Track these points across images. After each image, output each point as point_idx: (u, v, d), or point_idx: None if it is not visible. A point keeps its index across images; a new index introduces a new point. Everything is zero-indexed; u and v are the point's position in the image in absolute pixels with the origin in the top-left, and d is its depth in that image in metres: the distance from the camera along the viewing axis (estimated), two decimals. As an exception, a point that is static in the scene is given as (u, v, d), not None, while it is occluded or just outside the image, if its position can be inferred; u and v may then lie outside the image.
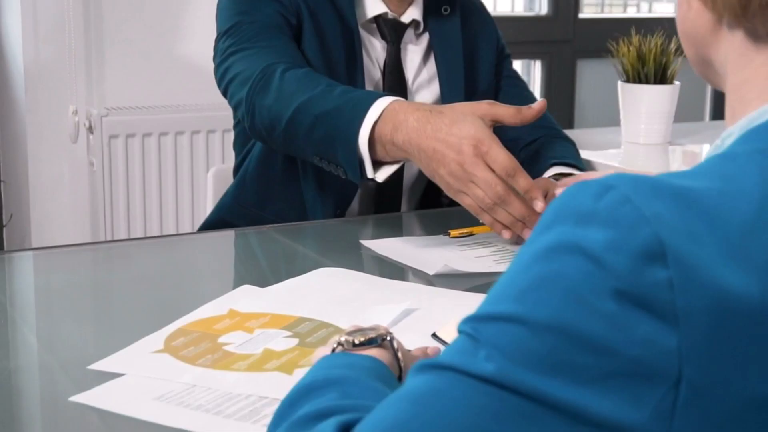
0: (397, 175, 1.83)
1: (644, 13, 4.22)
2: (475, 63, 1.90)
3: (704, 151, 2.55)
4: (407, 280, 1.38)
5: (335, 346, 0.89)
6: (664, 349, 0.57)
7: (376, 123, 1.44)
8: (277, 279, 1.33)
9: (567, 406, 0.58)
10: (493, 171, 1.37)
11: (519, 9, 3.81)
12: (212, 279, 1.45)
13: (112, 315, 1.24)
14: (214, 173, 2.14)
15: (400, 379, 0.89)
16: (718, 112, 4.25)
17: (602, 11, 4.03)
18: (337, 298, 1.26)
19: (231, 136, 2.68)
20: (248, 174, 1.80)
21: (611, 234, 0.59)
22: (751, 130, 0.70)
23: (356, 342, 0.89)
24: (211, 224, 1.84)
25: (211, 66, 2.67)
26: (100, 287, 1.37)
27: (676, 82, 2.33)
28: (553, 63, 3.74)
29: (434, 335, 1.12)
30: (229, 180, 2.05)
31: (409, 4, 1.82)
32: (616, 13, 4.17)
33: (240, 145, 1.89)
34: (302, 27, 1.72)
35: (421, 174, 1.88)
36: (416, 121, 1.41)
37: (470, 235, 1.54)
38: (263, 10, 1.69)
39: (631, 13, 4.16)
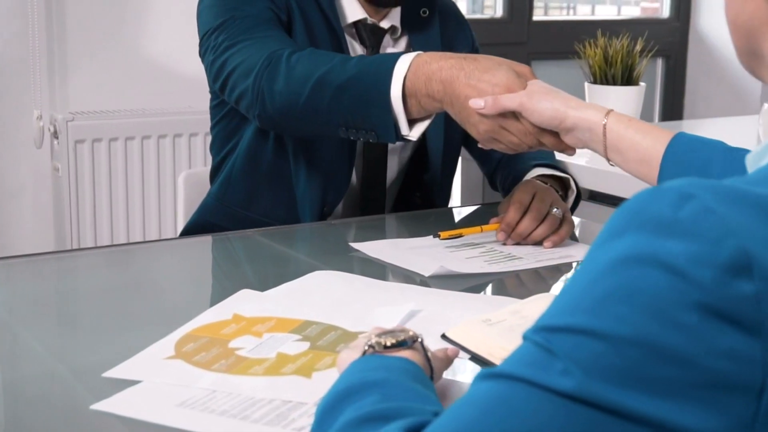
0: (381, 175, 1.84)
1: (586, 15, 4.26)
2: (452, 65, 1.91)
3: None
4: (401, 282, 1.38)
5: (366, 348, 0.89)
6: (747, 361, 0.57)
7: (405, 78, 1.43)
8: (273, 283, 1.33)
9: (649, 419, 0.58)
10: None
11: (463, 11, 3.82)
12: (207, 284, 1.44)
13: (113, 322, 1.22)
14: (185, 177, 2.12)
15: (431, 379, 0.89)
16: (667, 114, 4.31)
17: (546, 14, 4.06)
18: (337, 301, 1.26)
19: (198, 140, 2.69)
20: (234, 174, 1.79)
21: (695, 246, 0.58)
22: None
23: (387, 344, 0.89)
24: (195, 226, 1.83)
25: (178, 69, 2.65)
26: (93, 294, 1.35)
27: (642, 83, 2.36)
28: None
29: (444, 336, 1.12)
30: (202, 183, 2.03)
31: (388, 10, 1.82)
32: (568, 16, 4.21)
33: (218, 146, 1.87)
34: (292, 25, 1.71)
35: (399, 174, 1.89)
36: (450, 68, 1.40)
37: (459, 236, 1.55)
38: (254, 5, 1.68)
39: (567, 15, 4.18)
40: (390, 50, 1.84)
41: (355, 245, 1.54)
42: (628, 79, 2.33)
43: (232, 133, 1.83)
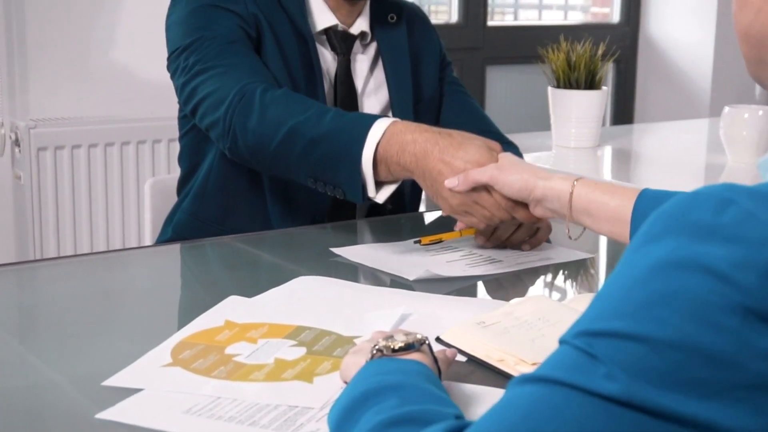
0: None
1: (533, 21, 4.30)
2: (420, 70, 1.93)
3: (633, 152, 2.63)
4: (386, 286, 1.39)
5: (374, 352, 0.90)
6: None
7: (378, 144, 1.45)
8: (258, 289, 1.32)
9: (692, 420, 0.59)
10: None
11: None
12: (192, 291, 1.43)
13: (103, 331, 1.22)
14: (151, 184, 2.10)
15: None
16: (618, 117, 4.37)
17: (492, 18, 4.08)
18: (327, 306, 1.26)
19: (162, 147, 2.67)
20: (208, 188, 1.78)
21: (738, 251, 0.60)
22: None
23: (395, 347, 0.89)
24: (169, 243, 1.81)
25: (141, 75, 2.64)
26: (78, 303, 1.34)
27: (604, 87, 2.40)
28: (463, 69, 3.80)
29: (439, 339, 1.13)
30: (168, 191, 2.02)
31: (358, 16, 1.83)
32: (523, 21, 4.25)
33: (187, 157, 1.86)
34: (261, 38, 1.71)
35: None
36: (425, 141, 1.43)
37: (440, 241, 1.56)
38: (223, 23, 1.68)
39: (510, 20, 4.21)
40: (360, 56, 1.85)
41: (336, 250, 1.54)
42: (590, 83, 2.36)
43: (201, 144, 1.82)
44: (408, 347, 0.90)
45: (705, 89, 4.19)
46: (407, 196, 1.92)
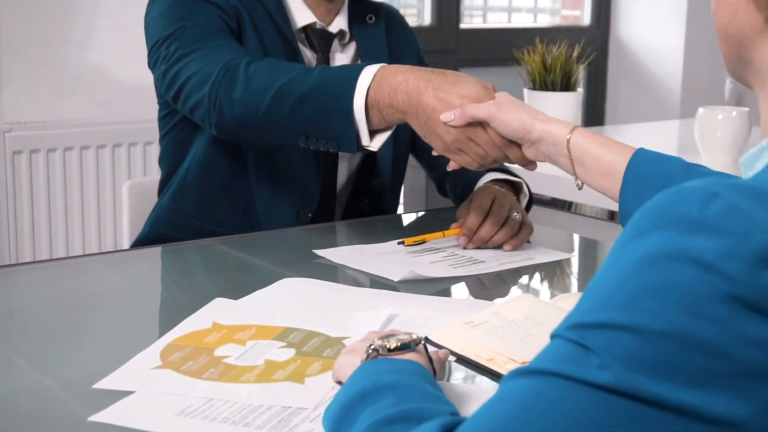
0: (332, 182, 1.85)
1: (503, 23, 4.32)
2: (398, 70, 1.93)
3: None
4: (371, 287, 1.39)
5: (369, 352, 0.90)
6: None
7: (369, 88, 1.43)
8: (242, 291, 1.32)
9: (684, 407, 0.61)
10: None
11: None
12: (176, 294, 1.42)
13: (89, 334, 1.21)
14: (129, 187, 2.09)
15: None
16: (589, 119, 4.40)
17: (462, 21, 4.09)
18: (313, 308, 1.27)
19: (138, 150, 2.66)
20: (187, 184, 1.77)
21: (724, 242, 0.61)
22: None
23: (391, 347, 0.90)
24: (146, 239, 1.81)
25: (117, 78, 2.62)
26: (62, 307, 1.33)
27: (579, 89, 2.42)
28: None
29: (427, 340, 1.13)
30: (146, 193, 2.01)
31: (336, 14, 1.84)
32: (493, 23, 4.26)
33: (168, 157, 1.86)
34: (242, 31, 1.71)
35: (349, 181, 1.90)
36: (417, 79, 1.41)
37: (423, 242, 1.56)
38: (204, 14, 1.67)
39: (479, 23, 4.22)
40: (339, 55, 1.85)
41: (319, 252, 1.54)
42: (566, 85, 2.38)
43: (182, 144, 1.81)
44: (404, 347, 0.90)
45: (675, 91, 4.22)
46: (386, 197, 1.92)
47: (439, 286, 1.41)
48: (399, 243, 1.55)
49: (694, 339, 0.60)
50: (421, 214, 2.04)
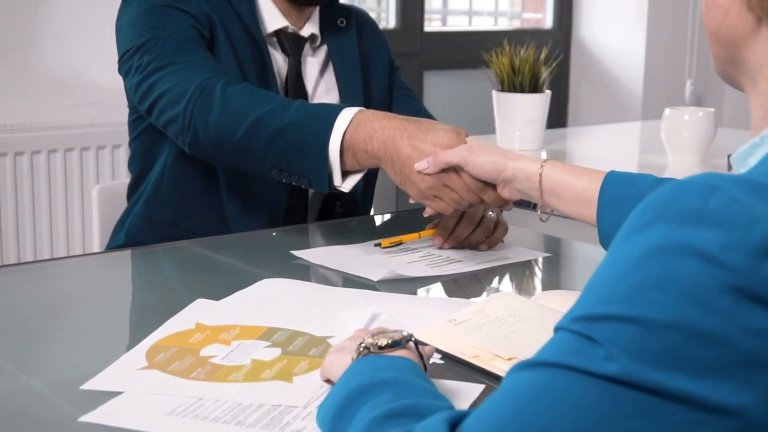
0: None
1: (464, 27, 4.34)
2: (370, 73, 1.95)
3: (573, 155, 2.67)
4: (350, 287, 1.40)
5: (361, 350, 0.91)
6: None
7: (345, 132, 1.45)
8: (222, 292, 1.32)
9: (688, 397, 0.62)
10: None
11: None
12: (156, 295, 1.42)
13: (71, 336, 1.21)
14: (99, 191, 2.08)
15: (426, 377, 0.91)
16: (552, 121, 4.43)
17: (423, 24, 4.11)
18: (295, 308, 1.27)
19: (106, 153, 2.64)
20: (161, 191, 1.77)
21: (726, 234, 0.62)
22: None
23: (382, 344, 0.90)
24: (123, 248, 1.80)
25: (84, 82, 2.60)
26: (42, 310, 1.32)
27: (547, 91, 2.44)
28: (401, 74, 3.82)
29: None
30: (117, 197, 2.00)
31: (308, 19, 1.84)
32: (454, 27, 4.29)
33: (138, 161, 1.85)
34: (215, 39, 1.71)
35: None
36: (393, 128, 1.44)
37: (400, 243, 1.57)
38: (176, 23, 1.67)
39: (437, 26, 4.24)
40: (310, 59, 1.86)
41: (297, 253, 1.55)
42: (534, 86, 2.40)
43: (152, 148, 1.81)
44: (395, 344, 0.91)
45: (636, 93, 4.27)
46: (359, 198, 1.93)
47: (418, 286, 1.42)
48: (376, 245, 1.56)
49: (698, 330, 0.62)
50: (392, 215, 2.05)
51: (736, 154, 0.81)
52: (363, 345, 0.91)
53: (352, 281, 1.43)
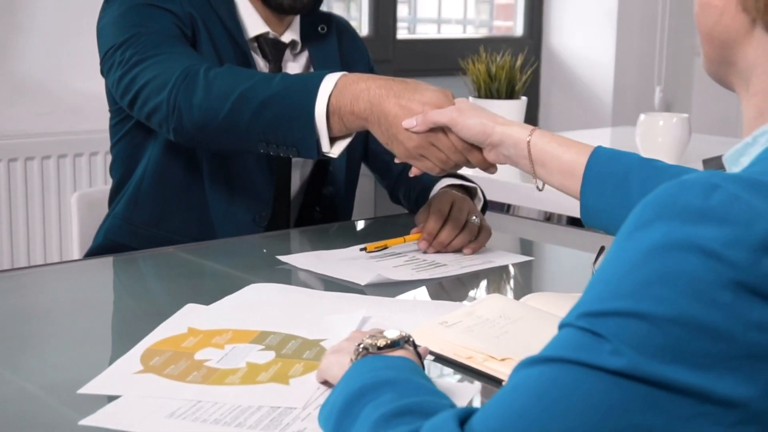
0: (285, 190, 1.86)
1: (432, 34, 4.36)
2: (350, 80, 1.95)
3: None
4: (338, 291, 1.41)
5: (360, 350, 0.91)
6: None
7: (330, 95, 1.45)
8: (211, 297, 1.32)
9: (693, 389, 0.63)
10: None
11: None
12: (145, 301, 1.42)
13: (63, 341, 1.20)
14: (78, 198, 2.08)
15: (424, 376, 0.92)
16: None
17: (396, 32, 4.12)
18: (285, 311, 1.28)
19: (83, 161, 2.63)
20: (142, 192, 1.77)
21: (728, 230, 0.64)
22: None
23: (381, 345, 0.91)
24: (100, 248, 1.80)
25: (60, 89, 2.58)
26: (30, 316, 1.32)
27: (523, 97, 2.46)
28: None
29: (404, 339, 1.15)
30: (96, 204, 2.00)
31: (288, 25, 1.85)
32: (410, 35, 4.31)
33: (120, 165, 1.85)
34: (197, 38, 1.72)
35: (301, 188, 1.91)
36: (378, 87, 1.43)
37: (385, 248, 1.58)
38: (159, 21, 1.67)
39: (408, 34, 4.26)
40: (291, 64, 1.87)
41: (283, 258, 1.55)
42: (510, 92, 2.42)
43: (134, 151, 1.81)
44: (393, 344, 0.92)
45: (606, 100, 4.31)
46: (339, 204, 1.94)
47: (405, 289, 1.43)
48: (361, 249, 1.57)
49: (701, 324, 0.63)
50: (372, 220, 2.06)
51: (728, 154, 0.83)
52: (362, 346, 0.92)
53: (339, 285, 1.43)
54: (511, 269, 1.59)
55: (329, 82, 1.47)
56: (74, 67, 2.59)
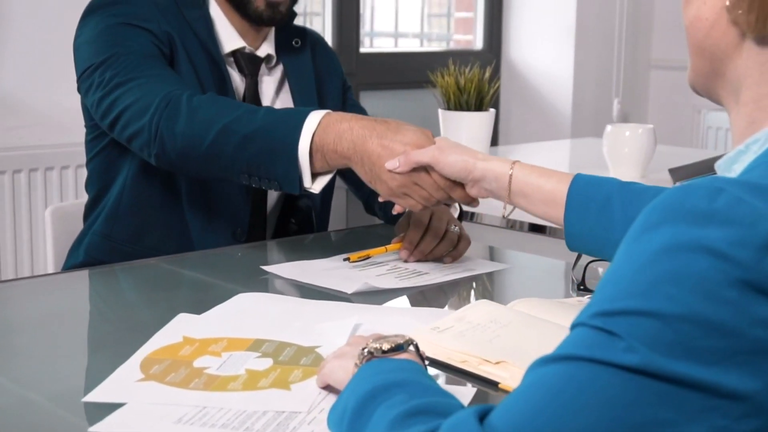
0: (262, 203, 1.88)
1: (391, 48, 4.41)
2: (324, 92, 1.98)
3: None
4: (326, 300, 1.42)
5: (365, 354, 0.94)
6: None
7: (314, 133, 1.48)
8: (200, 307, 1.34)
9: (702, 384, 0.66)
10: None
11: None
12: (136, 312, 1.42)
13: (61, 351, 1.21)
14: (51, 212, 2.07)
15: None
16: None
17: (359, 45, 4.16)
18: (276, 320, 1.29)
19: (55, 174, 2.63)
20: (121, 209, 1.77)
21: (733, 231, 0.67)
22: None
23: (385, 349, 0.94)
24: (82, 266, 1.80)
25: (30, 103, 2.57)
26: (24, 325, 1.33)
27: (492, 109, 2.50)
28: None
29: (397, 345, 1.17)
30: (70, 218, 2.00)
31: (264, 39, 1.88)
32: (371, 48, 4.35)
33: (96, 181, 1.85)
34: (174, 56, 1.73)
35: (278, 201, 1.93)
36: (362, 128, 1.47)
37: (367, 257, 1.61)
38: (137, 40, 1.69)
39: (369, 47, 4.30)
40: (266, 78, 1.89)
41: (267, 268, 1.57)
42: (479, 105, 2.46)
43: (110, 167, 1.81)
44: (398, 348, 0.94)
45: (565, 112, 4.38)
46: (316, 216, 1.96)
47: (390, 297, 1.46)
48: (345, 260, 1.59)
49: (709, 321, 0.66)
50: (348, 231, 2.08)
51: (721, 161, 0.87)
52: (367, 350, 0.94)
53: (326, 294, 1.45)
54: (490, 277, 1.62)
55: (313, 119, 1.50)
56: (45, 82, 2.59)
